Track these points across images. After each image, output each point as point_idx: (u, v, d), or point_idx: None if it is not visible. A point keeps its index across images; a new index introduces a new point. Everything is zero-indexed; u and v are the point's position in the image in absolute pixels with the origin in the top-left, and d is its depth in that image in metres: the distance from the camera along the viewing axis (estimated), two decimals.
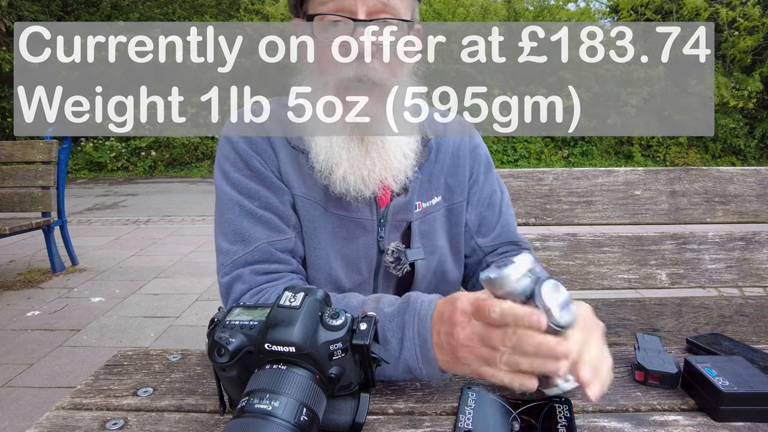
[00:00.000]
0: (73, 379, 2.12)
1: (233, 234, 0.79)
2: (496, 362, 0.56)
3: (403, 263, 0.85)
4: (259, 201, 0.80)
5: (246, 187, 0.80)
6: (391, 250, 0.85)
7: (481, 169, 0.95)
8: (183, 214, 5.87)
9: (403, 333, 0.63)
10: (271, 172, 0.81)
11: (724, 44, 10.38)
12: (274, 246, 0.79)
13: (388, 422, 0.60)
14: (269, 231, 0.79)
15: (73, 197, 7.12)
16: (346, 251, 0.85)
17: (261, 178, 0.81)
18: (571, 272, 1.27)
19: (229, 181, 0.81)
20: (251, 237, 0.78)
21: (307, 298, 0.53)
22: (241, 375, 0.53)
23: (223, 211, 0.81)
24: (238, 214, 0.79)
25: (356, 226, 0.84)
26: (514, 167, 9.42)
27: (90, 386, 0.68)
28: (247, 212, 0.79)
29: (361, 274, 0.87)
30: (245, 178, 0.81)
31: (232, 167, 0.82)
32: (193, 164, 10.32)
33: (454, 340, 0.58)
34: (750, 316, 1.28)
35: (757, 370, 0.65)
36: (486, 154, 0.97)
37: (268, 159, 0.82)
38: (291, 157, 0.83)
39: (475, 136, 0.96)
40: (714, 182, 1.29)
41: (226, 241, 0.79)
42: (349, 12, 0.72)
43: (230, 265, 0.78)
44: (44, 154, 3.33)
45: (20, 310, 2.88)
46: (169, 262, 3.88)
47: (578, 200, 1.29)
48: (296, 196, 0.82)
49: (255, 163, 0.81)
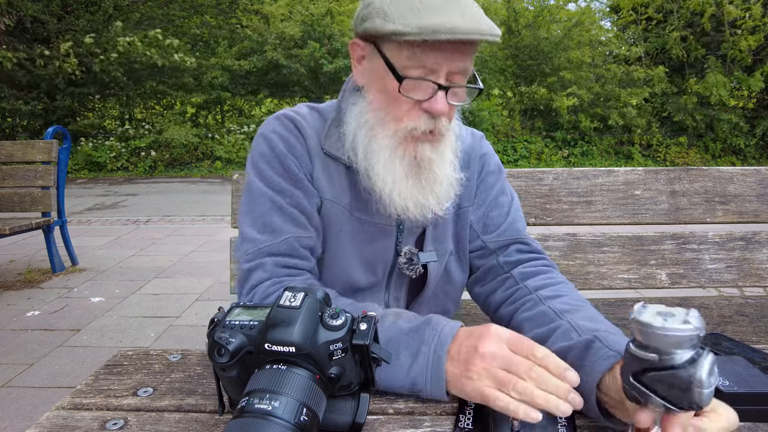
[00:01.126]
0: (73, 379, 2.12)
1: (263, 225, 0.84)
2: (508, 387, 0.58)
3: (416, 264, 0.90)
4: (290, 198, 0.85)
5: (279, 185, 0.85)
6: (404, 252, 0.91)
7: (490, 174, 0.99)
8: (183, 214, 5.87)
9: (419, 349, 0.66)
10: (303, 175, 0.86)
11: (724, 44, 10.38)
12: (299, 241, 0.84)
13: (388, 422, 0.60)
14: (296, 227, 0.84)
15: (73, 197, 7.12)
16: (365, 253, 0.90)
17: (294, 179, 0.86)
18: (571, 272, 1.27)
19: (263, 178, 0.86)
20: (279, 230, 0.83)
21: (307, 298, 0.53)
22: (241, 375, 0.53)
23: (254, 204, 0.86)
24: (269, 208, 0.84)
25: (377, 230, 0.89)
26: (514, 167, 9.42)
27: (90, 386, 0.68)
28: (277, 207, 0.84)
29: (376, 275, 0.92)
30: (278, 176, 0.86)
31: (267, 165, 0.86)
32: (193, 164, 10.32)
33: (476, 352, 0.61)
34: (750, 316, 1.28)
35: (757, 370, 0.65)
36: (496, 162, 1.01)
37: (303, 162, 0.87)
38: (324, 164, 0.88)
39: (484, 146, 1.01)
40: (714, 182, 1.29)
41: (255, 230, 0.84)
42: (431, 72, 0.75)
43: (255, 252, 0.82)
44: (44, 154, 3.33)
45: (20, 310, 2.88)
46: (169, 262, 3.88)
47: (578, 200, 1.28)
48: (325, 199, 0.87)
49: (290, 163, 0.86)
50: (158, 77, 10.59)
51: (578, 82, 10.33)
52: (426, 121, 0.78)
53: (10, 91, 9.74)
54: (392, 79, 0.77)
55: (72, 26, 10.07)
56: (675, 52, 10.72)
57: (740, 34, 10.02)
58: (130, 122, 11.19)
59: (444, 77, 0.76)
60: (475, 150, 0.99)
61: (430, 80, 0.75)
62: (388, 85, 0.78)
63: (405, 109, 0.79)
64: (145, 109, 12.10)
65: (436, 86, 0.76)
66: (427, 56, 0.74)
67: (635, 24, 11.29)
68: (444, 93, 0.76)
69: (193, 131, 10.23)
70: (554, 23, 10.86)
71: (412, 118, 0.79)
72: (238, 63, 10.44)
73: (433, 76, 0.76)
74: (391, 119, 0.80)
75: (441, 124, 0.79)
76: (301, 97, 10.82)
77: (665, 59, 11.12)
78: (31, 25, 9.88)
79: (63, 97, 10.13)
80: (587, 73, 10.68)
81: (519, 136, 10.93)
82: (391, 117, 0.80)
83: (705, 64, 10.71)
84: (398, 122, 0.80)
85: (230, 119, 11.76)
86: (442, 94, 0.76)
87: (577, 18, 10.68)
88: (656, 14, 10.88)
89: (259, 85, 11.08)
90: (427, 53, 0.74)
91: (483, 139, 1.03)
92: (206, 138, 10.62)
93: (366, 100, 0.84)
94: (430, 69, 0.75)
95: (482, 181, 0.98)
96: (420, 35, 0.70)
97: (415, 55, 0.74)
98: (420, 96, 0.77)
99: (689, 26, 10.78)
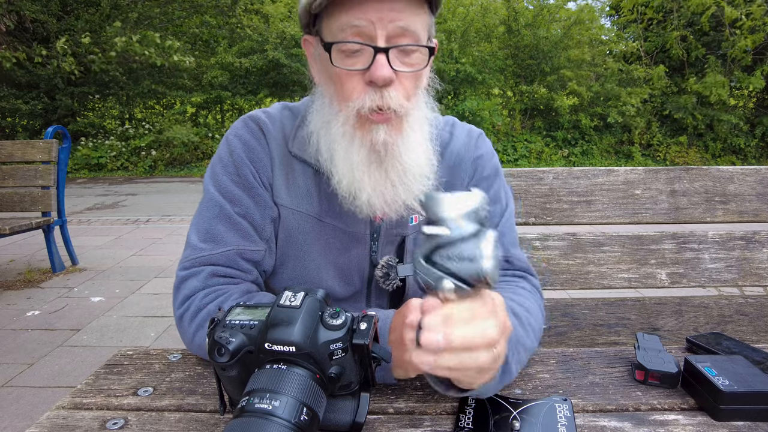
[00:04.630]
0: (73, 379, 2.12)
1: (206, 233, 0.80)
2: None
3: (393, 278, 0.84)
4: (240, 208, 0.80)
5: (231, 193, 0.81)
6: (381, 265, 0.84)
7: (483, 180, 0.91)
8: (183, 214, 5.87)
9: None
10: (260, 184, 0.82)
11: (724, 44, 10.37)
12: (241, 254, 0.79)
13: (388, 422, 0.60)
14: (241, 238, 0.80)
15: (73, 197, 7.12)
16: (339, 262, 0.85)
17: (247, 187, 0.81)
18: (571, 272, 1.27)
19: (217, 182, 0.82)
20: (222, 240, 0.79)
21: (307, 298, 0.53)
22: (242, 374, 0.53)
23: (203, 209, 0.82)
24: (216, 215, 0.80)
25: (349, 238, 0.84)
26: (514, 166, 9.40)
27: (90, 386, 0.68)
28: (225, 215, 0.80)
29: (353, 285, 0.87)
30: (232, 183, 0.81)
31: (223, 169, 0.82)
32: (193, 164, 10.32)
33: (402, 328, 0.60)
34: (750, 316, 1.28)
35: (757, 369, 0.65)
36: (492, 165, 0.92)
37: (262, 170, 0.82)
38: (289, 169, 0.83)
39: (480, 147, 0.92)
40: (714, 181, 1.29)
41: (197, 238, 0.80)
42: (368, 38, 0.68)
43: (193, 260, 0.79)
44: (44, 153, 3.33)
45: (20, 309, 2.88)
46: (169, 261, 3.88)
47: (578, 199, 1.28)
48: (286, 208, 0.82)
49: (246, 171, 0.81)
50: (157, 77, 10.59)
51: (578, 80, 10.32)
52: (371, 95, 0.70)
53: (9, 90, 9.74)
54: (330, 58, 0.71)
55: (71, 26, 10.06)
56: (675, 52, 10.71)
57: (740, 33, 10.01)
58: (130, 122, 11.19)
59: (384, 40, 0.68)
60: (470, 152, 0.90)
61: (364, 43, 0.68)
62: (330, 67, 0.72)
63: (350, 88, 0.71)
64: (145, 109, 12.10)
65: (372, 49, 0.68)
66: (355, 18, 0.68)
67: (635, 23, 11.29)
68: (384, 56, 0.68)
69: (194, 131, 10.23)
70: (554, 22, 10.86)
71: (358, 94, 0.71)
72: (239, 61, 10.44)
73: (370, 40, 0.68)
74: (340, 102, 0.73)
75: (390, 97, 0.70)
76: (301, 97, 10.82)
77: (665, 59, 11.12)
78: (31, 24, 9.87)
79: (63, 96, 10.13)
80: (587, 72, 10.67)
81: (519, 136, 10.93)
82: (339, 100, 0.73)
83: (705, 64, 10.70)
84: (345, 103, 0.72)
85: (230, 119, 11.76)
86: (382, 57, 0.68)
87: (577, 16, 10.67)
88: (656, 14, 10.87)
89: (260, 84, 11.09)
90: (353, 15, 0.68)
91: (481, 137, 0.93)
92: (206, 137, 10.62)
93: (319, 92, 0.79)
94: (367, 35, 0.68)
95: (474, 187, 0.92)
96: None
97: (344, 21, 0.68)
98: (360, 65, 0.70)
99: (689, 26, 10.77)
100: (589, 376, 0.72)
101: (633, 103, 10.31)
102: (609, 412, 0.63)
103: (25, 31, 9.81)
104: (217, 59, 10.80)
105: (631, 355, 0.77)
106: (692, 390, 0.65)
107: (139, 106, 11.74)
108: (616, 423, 0.60)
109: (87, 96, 10.63)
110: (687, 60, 10.92)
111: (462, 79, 10.34)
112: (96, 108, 11.44)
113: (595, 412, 0.63)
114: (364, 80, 0.70)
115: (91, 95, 10.61)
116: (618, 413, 0.63)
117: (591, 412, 0.63)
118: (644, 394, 0.66)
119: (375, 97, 0.70)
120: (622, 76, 10.62)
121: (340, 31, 0.69)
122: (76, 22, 10.16)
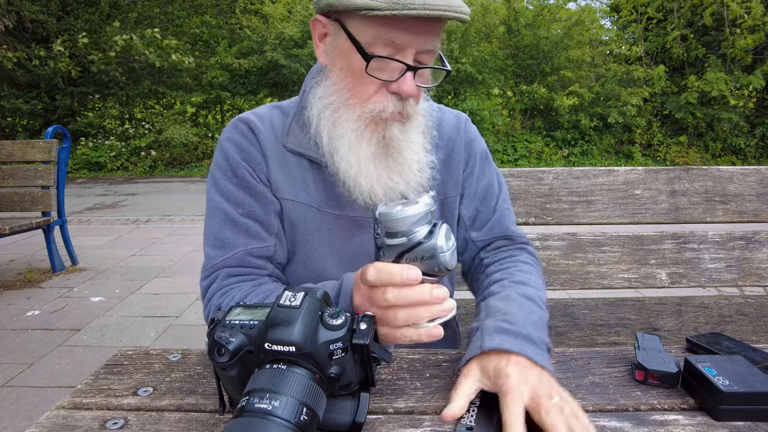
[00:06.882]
0: (73, 379, 2.12)
1: (215, 240, 0.84)
2: (390, 321, 0.60)
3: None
4: (243, 209, 0.83)
5: (232, 195, 0.84)
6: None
7: (477, 162, 0.94)
8: (183, 214, 5.87)
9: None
10: (258, 181, 0.84)
11: (724, 43, 10.37)
12: (251, 253, 0.83)
13: (388, 422, 0.60)
14: (249, 238, 0.83)
15: (73, 197, 7.12)
16: (343, 250, 0.86)
17: (247, 187, 0.84)
18: (571, 272, 1.27)
19: (218, 188, 0.85)
20: (231, 244, 0.83)
21: (307, 298, 0.53)
22: (241, 374, 0.53)
23: (210, 218, 0.86)
24: (222, 221, 0.84)
25: (352, 224, 0.85)
26: (514, 166, 9.41)
27: (90, 386, 0.68)
28: (230, 220, 0.83)
29: None
30: (232, 185, 0.84)
31: (222, 175, 0.85)
32: (193, 164, 10.31)
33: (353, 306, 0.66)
34: (750, 316, 1.28)
35: (757, 369, 0.65)
36: (483, 149, 0.97)
37: (257, 167, 0.84)
38: (284, 162, 0.84)
39: (470, 130, 0.96)
40: (714, 181, 1.29)
41: (209, 246, 0.84)
42: (399, 52, 0.71)
43: (210, 268, 0.83)
44: (44, 153, 3.33)
45: (20, 309, 2.88)
46: (169, 261, 3.88)
47: (578, 200, 1.28)
48: (287, 200, 0.84)
49: (242, 171, 0.83)
50: (157, 77, 10.58)
51: (579, 81, 10.32)
52: (394, 102, 0.74)
53: (10, 90, 9.73)
54: (358, 58, 0.71)
55: (71, 26, 10.06)
56: (675, 52, 10.71)
57: (740, 33, 10.00)
58: (129, 122, 11.19)
59: (412, 57, 0.71)
60: (460, 135, 0.93)
61: (399, 60, 0.71)
62: (354, 64, 0.73)
63: (371, 90, 0.74)
64: (145, 109, 12.10)
65: (405, 67, 0.71)
66: (396, 34, 0.69)
67: (635, 23, 11.29)
68: (412, 74, 0.72)
69: (193, 131, 10.22)
70: (554, 22, 10.86)
71: (380, 99, 0.74)
72: (238, 62, 10.43)
73: (401, 55, 0.71)
74: (357, 101, 0.76)
75: (410, 106, 0.76)
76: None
77: (665, 58, 11.12)
78: (31, 24, 9.87)
79: (63, 96, 10.13)
80: (587, 72, 10.67)
81: (519, 136, 10.93)
82: (356, 98, 0.76)
83: (705, 63, 10.70)
84: (364, 104, 0.75)
85: (230, 119, 11.67)
86: (411, 75, 0.72)
87: (577, 17, 10.67)
88: (656, 13, 10.86)
89: (259, 84, 11.09)
90: (396, 30, 0.69)
91: (468, 122, 0.97)
92: (206, 137, 10.62)
93: (330, 79, 0.79)
94: (398, 48, 0.70)
95: (470, 172, 0.94)
96: (391, 10, 0.65)
97: (383, 32, 0.69)
98: (386, 76, 0.72)
99: (689, 25, 10.77)
100: (589, 376, 0.72)
101: (633, 103, 10.31)
102: (609, 412, 0.63)
103: (24, 31, 9.81)
104: (217, 59, 10.80)
105: (631, 355, 0.77)
106: (692, 390, 0.65)
107: (139, 106, 11.74)
108: (616, 423, 0.60)
109: (87, 96, 10.62)
110: (687, 60, 10.92)
111: (462, 79, 10.34)
112: (96, 108, 11.43)
113: (595, 412, 0.63)
114: (387, 88, 0.74)
115: (91, 95, 10.60)
116: (618, 413, 0.63)
117: (591, 412, 0.63)
118: (644, 394, 0.66)
119: (398, 104, 0.75)
120: (622, 77, 10.61)
121: (375, 38, 0.70)
122: (75, 22, 10.16)
